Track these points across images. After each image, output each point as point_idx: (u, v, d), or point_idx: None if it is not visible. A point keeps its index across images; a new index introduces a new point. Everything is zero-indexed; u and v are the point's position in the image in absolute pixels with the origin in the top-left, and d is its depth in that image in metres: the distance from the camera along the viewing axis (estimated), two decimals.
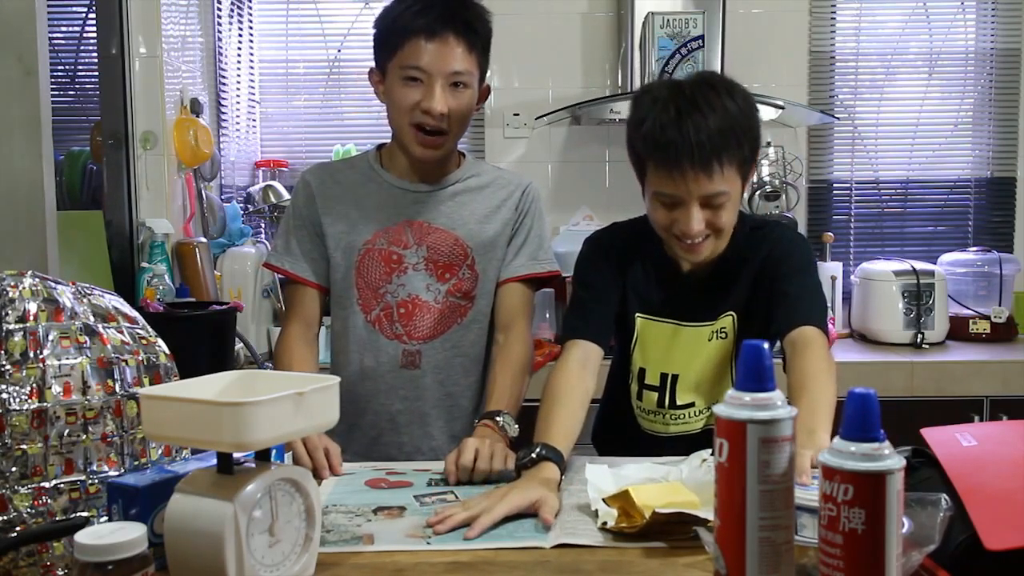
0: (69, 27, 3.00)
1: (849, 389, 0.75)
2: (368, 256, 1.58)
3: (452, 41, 1.48)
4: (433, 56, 1.47)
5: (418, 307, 1.58)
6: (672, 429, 1.53)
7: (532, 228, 1.63)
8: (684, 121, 1.30)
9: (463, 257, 1.59)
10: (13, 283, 1.00)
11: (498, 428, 1.41)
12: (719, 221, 1.36)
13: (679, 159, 1.30)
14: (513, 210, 1.63)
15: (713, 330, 1.48)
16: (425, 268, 1.58)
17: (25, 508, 0.92)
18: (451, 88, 1.50)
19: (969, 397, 2.49)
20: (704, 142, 1.29)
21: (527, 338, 1.61)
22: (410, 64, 1.48)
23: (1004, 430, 1.14)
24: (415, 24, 1.47)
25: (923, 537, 0.84)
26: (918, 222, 3.21)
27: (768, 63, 3.02)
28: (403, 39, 1.48)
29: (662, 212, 1.38)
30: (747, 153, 1.36)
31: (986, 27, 3.13)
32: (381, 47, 1.54)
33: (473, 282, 1.60)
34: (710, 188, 1.33)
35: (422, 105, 1.48)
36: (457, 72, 1.49)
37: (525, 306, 1.62)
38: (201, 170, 2.84)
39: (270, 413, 0.84)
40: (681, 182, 1.32)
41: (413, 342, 1.59)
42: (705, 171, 1.31)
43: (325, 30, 3.18)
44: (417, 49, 1.47)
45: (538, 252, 1.63)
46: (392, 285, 1.58)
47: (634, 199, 1.49)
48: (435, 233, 1.59)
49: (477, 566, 0.98)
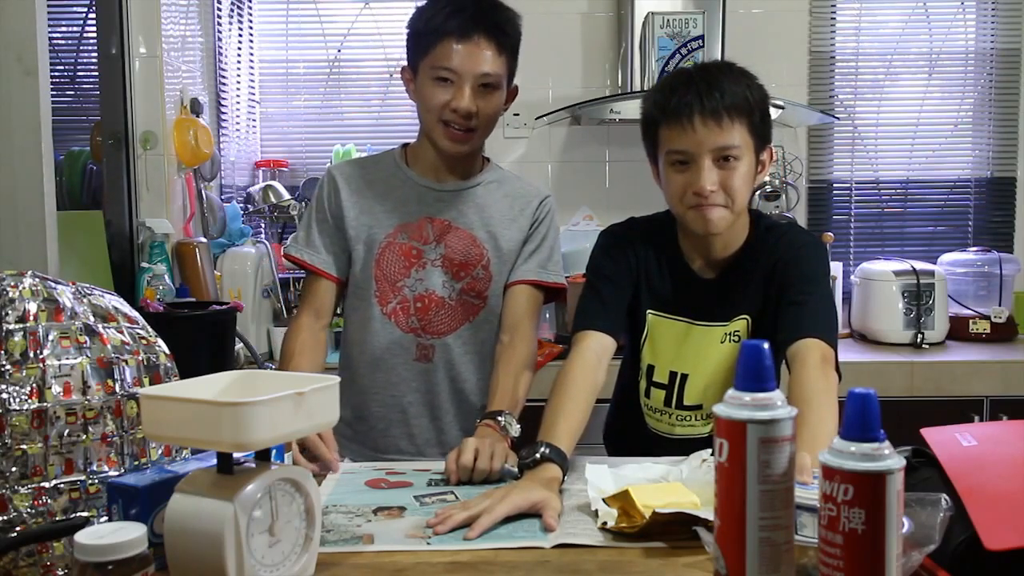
0: (69, 27, 3.00)
1: (849, 389, 0.75)
2: (388, 249, 1.61)
3: (483, 43, 1.51)
4: (463, 58, 1.50)
5: (434, 302, 1.61)
6: (678, 431, 1.53)
7: (545, 237, 1.66)
8: (695, 80, 1.37)
9: (479, 258, 1.62)
10: (13, 283, 1.00)
11: (499, 428, 1.42)
12: (731, 182, 1.36)
13: (690, 111, 1.35)
14: (530, 218, 1.66)
15: (726, 332, 1.47)
16: (442, 265, 1.61)
17: (25, 508, 0.92)
18: (480, 89, 1.52)
19: (969, 397, 2.49)
20: (714, 94, 1.34)
21: (531, 340, 1.62)
22: (441, 65, 1.51)
23: (1004, 430, 1.14)
24: (447, 26, 1.50)
25: (923, 537, 0.84)
26: (918, 222, 3.21)
27: (768, 63, 3.01)
28: (435, 40, 1.51)
29: (676, 177, 1.39)
30: (757, 120, 1.38)
31: (986, 27, 3.13)
32: (413, 47, 1.57)
33: (487, 283, 1.63)
34: (721, 140, 1.35)
35: (451, 105, 1.51)
36: (486, 74, 1.52)
37: (532, 309, 1.64)
38: (201, 170, 2.84)
39: (270, 413, 0.84)
40: (692, 134, 1.35)
41: (428, 336, 1.62)
42: (715, 120, 1.34)
43: (325, 30, 3.18)
44: (448, 50, 1.50)
45: (548, 262, 1.65)
46: (410, 279, 1.61)
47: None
48: (454, 232, 1.62)
49: (477, 566, 0.98)
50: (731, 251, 1.47)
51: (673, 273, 1.50)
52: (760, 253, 1.46)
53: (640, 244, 1.52)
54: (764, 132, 1.41)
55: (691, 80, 1.37)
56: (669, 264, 1.51)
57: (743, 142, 1.36)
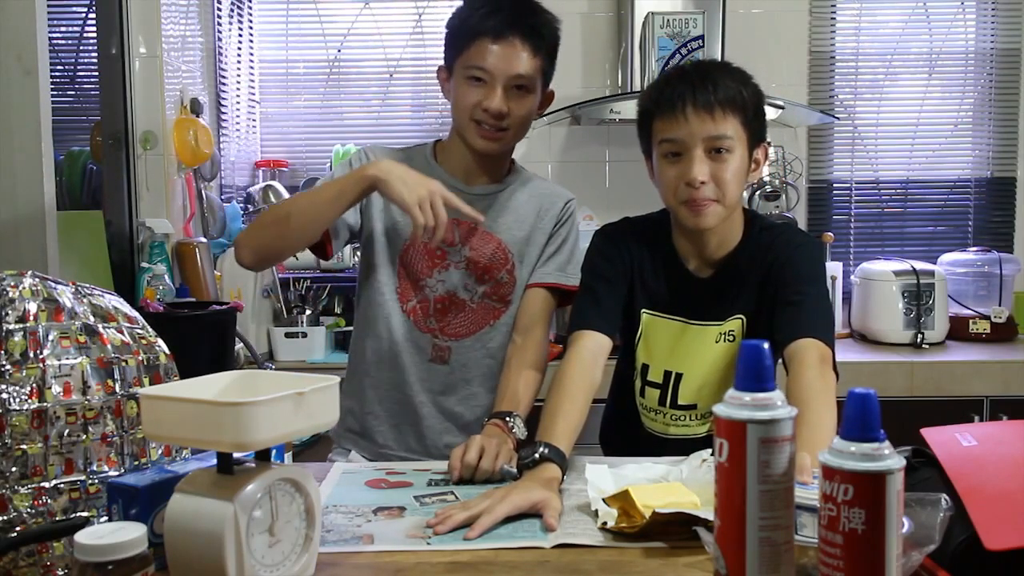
0: (69, 27, 3.00)
1: (849, 389, 0.75)
2: (413, 247, 1.60)
3: (518, 44, 1.51)
4: (498, 58, 1.50)
5: (454, 304, 1.61)
6: (672, 431, 1.53)
7: (566, 240, 1.66)
8: (690, 74, 1.39)
9: (504, 262, 1.61)
10: (13, 283, 1.00)
11: (507, 428, 1.41)
12: (722, 175, 1.37)
13: (683, 101, 1.36)
14: (554, 219, 1.65)
15: (721, 331, 1.47)
16: (466, 267, 1.60)
17: (25, 508, 0.92)
18: (513, 91, 1.52)
19: (969, 397, 2.49)
20: (708, 87, 1.36)
21: (544, 343, 1.62)
22: (474, 64, 1.51)
23: (1004, 430, 1.14)
24: (483, 26, 1.50)
25: (923, 537, 0.84)
26: (918, 222, 3.21)
27: (768, 63, 3.02)
28: (470, 40, 1.51)
29: (669, 170, 1.40)
30: (750, 116, 1.39)
31: (986, 27, 3.13)
32: (450, 46, 1.57)
33: (511, 287, 1.63)
34: (713, 130, 1.35)
35: (483, 104, 1.51)
36: (519, 75, 1.52)
37: (546, 312, 1.63)
38: (201, 170, 2.84)
39: (270, 413, 0.84)
40: (684, 124, 1.36)
41: (445, 338, 1.61)
42: (708, 111, 1.35)
43: (325, 30, 3.18)
44: (483, 50, 1.50)
45: (567, 266, 1.65)
46: (432, 280, 1.60)
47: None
48: (480, 235, 1.61)
49: (477, 566, 0.98)
50: (726, 251, 1.47)
51: (668, 272, 1.50)
52: (755, 253, 1.46)
53: (635, 243, 1.52)
54: (757, 129, 1.41)
55: (685, 74, 1.39)
56: (664, 263, 1.51)
57: (735, 135, 1.37)
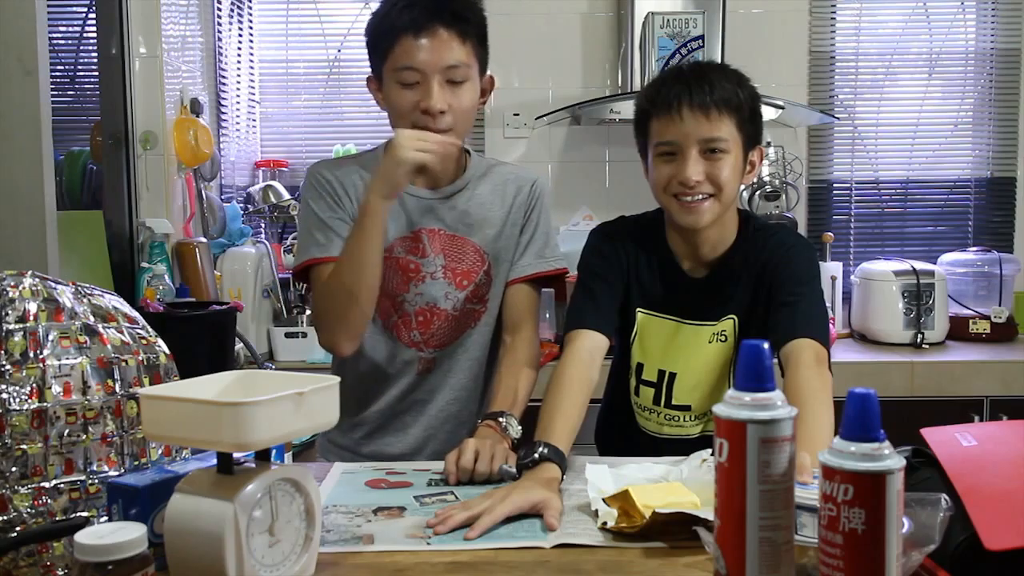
0: (69, 27, 3.00)
1: (849, 389, 0.75)
2: (387, 265, 1.52)
3: (443, 34, 1.42)
4: (425, 52, 1.42)
5: (436, 315, 1.56)
6: (666, 431, 1.53)
7: (539, 224, 1.61)
8: (686, 75, 1.39)
9: (481, 263, 1.57)
10: (13, 283, 1.00)
11: (500, 429, 1.40)
12: (718, 175, 1.37)
13: (679, 102, 1.36)
14: (523, 208, 1.60)
15: (714, 332, 1.48)
16: (443, 276, 1.55)
17: (25, 508, 0.92)
18: (449, 84, 1.44)
19: (969, 397, 2.49)
20: (704, 87, 1.36)
21: (534, 340, 1.59)
22: (403, 64, 1.43)
23: (1004, 430, 1.14)
24: (402, 21, 1.42)
25: (923, 537, 0.84)
26: (918, 222, 3.21)
27: (768, 63, 3.02)
28: (393, 40, 1.44)
29: (663, 167, 1.40)
30: (746, 118, 1.39)
31: (986, 27, 3.13)
32: (373, 51, 1.50)
33: (487, 287, 1.58)
34: (708, 131, 1.36)
35: (421, 105, 1.43)
36: (452, 66, 1.43)
37: (532, 307, 1.60)
38: (201, 170, 2.84)
39: (270, 413, 0.84)
40: (680, 124, 1.36)
41: (430, 350, 1.58)
42: (703, 111, 1.35)
43: (325, 30, 3.18)
44: (408, 47, 1.42)
45: (544, 249, 1.60)
46: (410, 294, 1.55)
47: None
48: (453, 240, 1.56)
49: (477, 566, 0.98)
50: (720, 251, 1.47)
51: (663, 272, 1.50)
52: (749, 253, 1.46)
53: (630, 242, 1.51)
54: (753, 131, 1.41)
55: (682, 74, 1.39)
56: (659, 263, 1.51)
57: (731, 137, 1.37)
